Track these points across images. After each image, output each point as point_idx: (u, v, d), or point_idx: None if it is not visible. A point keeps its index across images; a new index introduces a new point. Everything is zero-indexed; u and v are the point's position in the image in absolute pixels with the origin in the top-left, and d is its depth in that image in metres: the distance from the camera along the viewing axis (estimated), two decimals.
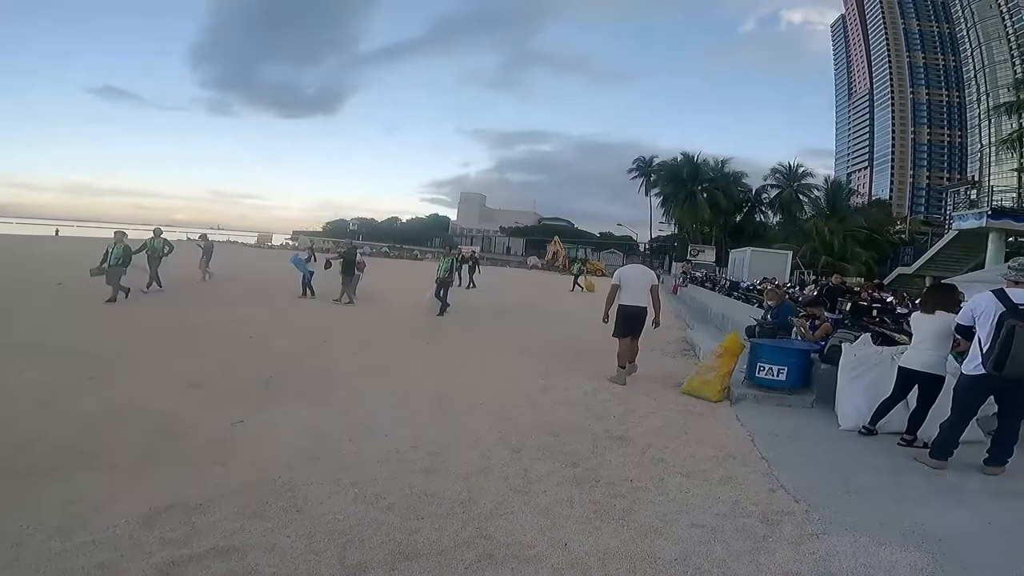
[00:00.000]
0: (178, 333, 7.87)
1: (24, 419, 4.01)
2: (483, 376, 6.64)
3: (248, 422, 4.31)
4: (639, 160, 66.24)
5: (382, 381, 5.97)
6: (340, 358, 7.01)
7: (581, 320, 13.76)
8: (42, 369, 5.40)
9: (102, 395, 4.72)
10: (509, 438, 4.42)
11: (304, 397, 5.12)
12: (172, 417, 4.27)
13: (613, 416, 5.30)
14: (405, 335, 9.26)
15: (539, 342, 9.55)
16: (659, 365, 8.20)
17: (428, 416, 4.86)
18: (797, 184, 48.44)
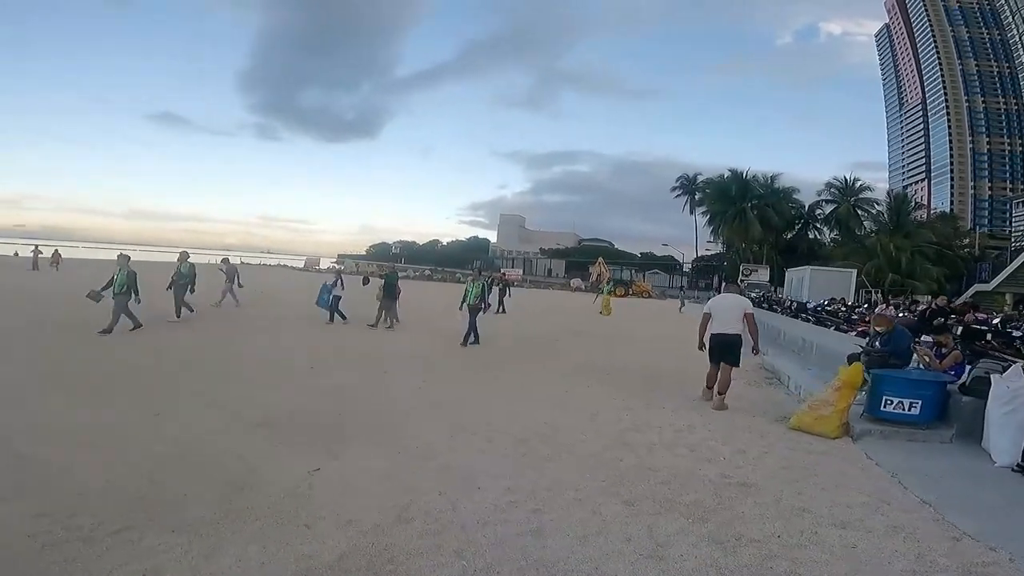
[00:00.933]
0: (227, 363, 7.60)
1: (87, 465, 3.67)
2: (560, 412, 6.08)
3: (324, 469, 3.88)
4: (682, 178, 65.06)
5: (454, 419, 5.48)
6: (402, 391, 6.58)
7: (636, 344, 13.11)
8: (110, 403, 5.14)
9: (168, 434, 4.39)
10: (615, 488, 3.91)
11: (376, 439, 4.68)
12: (243, 462, 3.89)
13: (723, 457, 4.76)
14: (463, 365, 8.79)
15: (603, 370, 8.95)
16: (744, 396, 7.54)
17: (515, 462, 4.35)
18: (855, 199, 46.35)
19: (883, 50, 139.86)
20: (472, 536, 3.06)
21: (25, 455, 3.79)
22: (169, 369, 6.94)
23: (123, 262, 10.10)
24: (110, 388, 5.81)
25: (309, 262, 65.74)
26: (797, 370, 9.05)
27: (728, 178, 51.73)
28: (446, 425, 5.25)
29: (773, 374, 9.63)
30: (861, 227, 45.74)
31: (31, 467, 3.59)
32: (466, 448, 4.63)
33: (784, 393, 8.06)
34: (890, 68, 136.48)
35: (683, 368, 9.85)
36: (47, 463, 3.67)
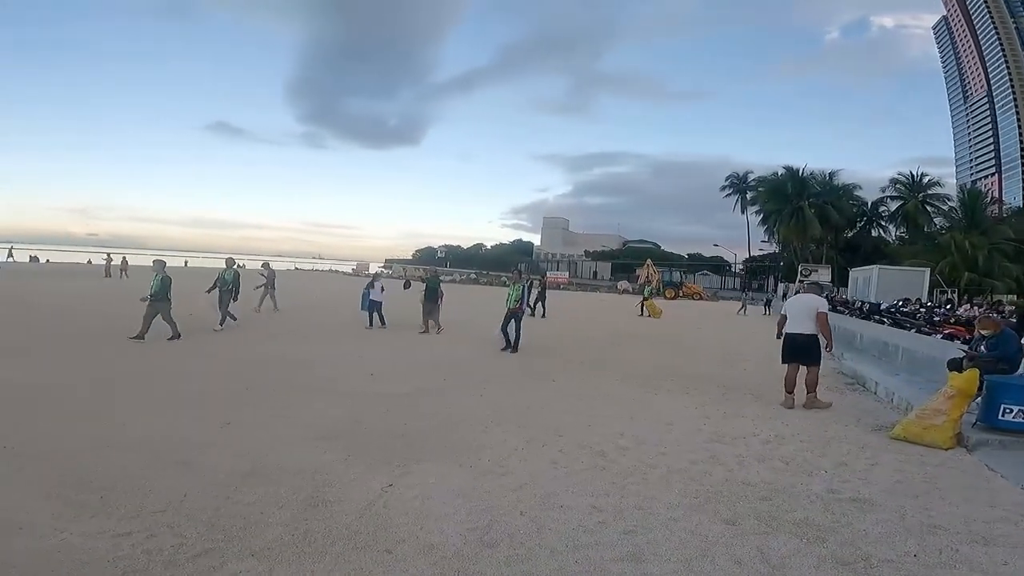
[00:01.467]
0: (284, 371, 7.53)
1: (162, 479, 3.58)
2: (632, 422, 5.73)
3: (397, 486, 3.67)
4: (732, 177, 63.16)
5: (521, 430, 5.21)
6: (464, 400, 6.36)
7: (698, 349, 12.51)
8: (177, 413, 5.12)
9: (238, 446, 4.29)
10: (711, 505, 3.61)
11: (445, 451, 4.46)
12: (316, 478, 3.72)
13: (824, 471, 4.42)
14: (520, 372, 8.50)
15: (668, 376, 8.52)
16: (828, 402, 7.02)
17: (594, 477, 4.05)
18: (923, 195, 43.63)
19: (943, 43, 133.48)
20: (564, 562, 2.79)
21: (99, 469, 3.74)
22: (227, 378, 6.92)
23: (159, 268, 9.77)
24: (175, 397, 5.82)
25: (359, 267, 67.05)
26: (884, 376, 8.37)
27: (783, 176, 49.71)
28: (514, 436, 4.99)
29: (855, 379, 8.99)
30: (931, 224, 43.05)
31: (106, 481, 3.52)
32: (539, 461, 4.36)
33: (873, 400, 7.47)
34: (951, 61, 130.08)
35: (753, 374, 9.31)
36: (122, 476, 3.61)
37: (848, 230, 50.30)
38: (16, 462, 3.75)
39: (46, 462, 3.79)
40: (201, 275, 37.94)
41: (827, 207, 45.63)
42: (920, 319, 15.63)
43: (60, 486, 3.39)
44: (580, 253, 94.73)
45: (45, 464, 3.75)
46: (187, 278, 32.51)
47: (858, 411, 6.74)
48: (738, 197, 61.80)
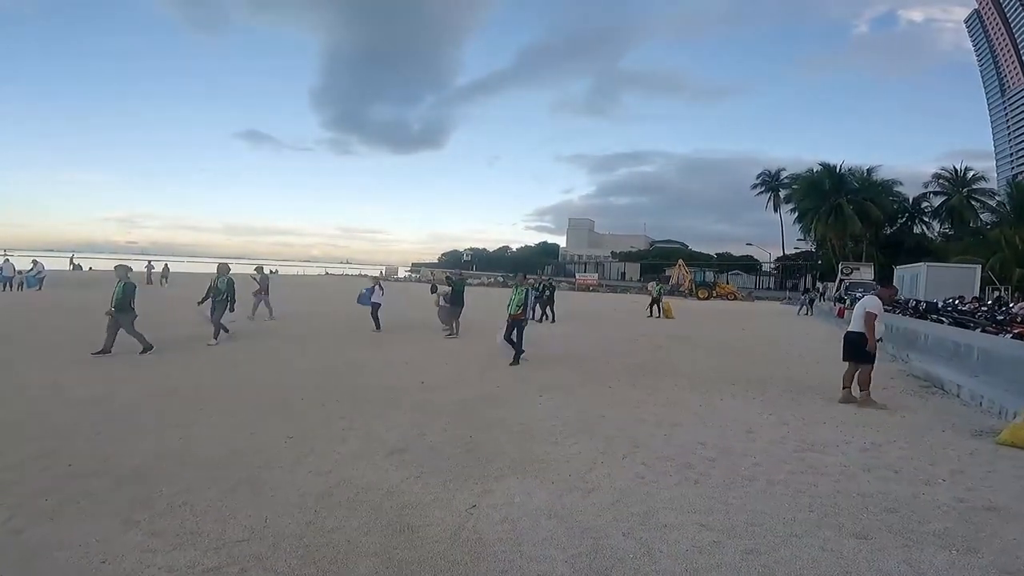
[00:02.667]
0: (331, 379, 7.36)
1: (240, 501, 3.39)
2: (708, 429, 5.40)
3: (480, 506, 3.42)
4: (764, 174, 61.81)
5: (596, 442, 4.92)
6: (525, 410, 6.06)
7: (746, 350, 11.97)
8: (232, 427, 4.96)
9: (310, 463, 4.09)
10: (832, 518, 3.34)
11: (523, 467, 4.19)
12: (393, 498, 3.50)
13: (941, 479, 4.12)
14: (572, 379, 8.16)
15: (728, 380, 8.12)
16: (912, 407, 6.79)
17: (691, 491, 3.75)
18: (967, 190, 41.89)
19: (976, 36, 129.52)
20: None
21: (168, 489, 3.58)
22: (269, 388, 6.77)
23: (121, 274, 8.67)
24: (225, 411, 5.67)
25: (388, 271, 67.53)
26: (964, 378, 7.83)
27: (819, 172, 48.35)
28: (588, 448, 4.70)
29: (929, 381, 8.44)
30: (977, 219, 41.27)
31: (178, 503, 3.35)
32: (625, 475, 4.06)
33: (959, 404, 6.99)
34: (986, 54, 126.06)
35: (814, 376, 8.84)
36: (194, 498, 3.44)
37: (888, 227, 48.65)
38: (84, 483, 3.61)
39: (113, 482, 3.64)
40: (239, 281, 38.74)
41: (867, 203, 44.17)
42: (981, 318, 14.81)
43: (133, 509, 3.22)
44: (607, 254, 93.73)
45: (113, 484, 3.61)
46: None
47: (948, 415, 6.31)
48: (770, 195, 60.41)
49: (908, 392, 7.72)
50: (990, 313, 15.21)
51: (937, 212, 45.20)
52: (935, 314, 16.09)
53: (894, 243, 47.74)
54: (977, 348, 9.21)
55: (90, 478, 3.70)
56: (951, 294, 20.94)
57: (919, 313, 17.07)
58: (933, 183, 45.21)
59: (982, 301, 20.93)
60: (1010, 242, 31.17)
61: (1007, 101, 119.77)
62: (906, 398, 7.29)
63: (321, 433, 4.91)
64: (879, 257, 44.93)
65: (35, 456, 4.07)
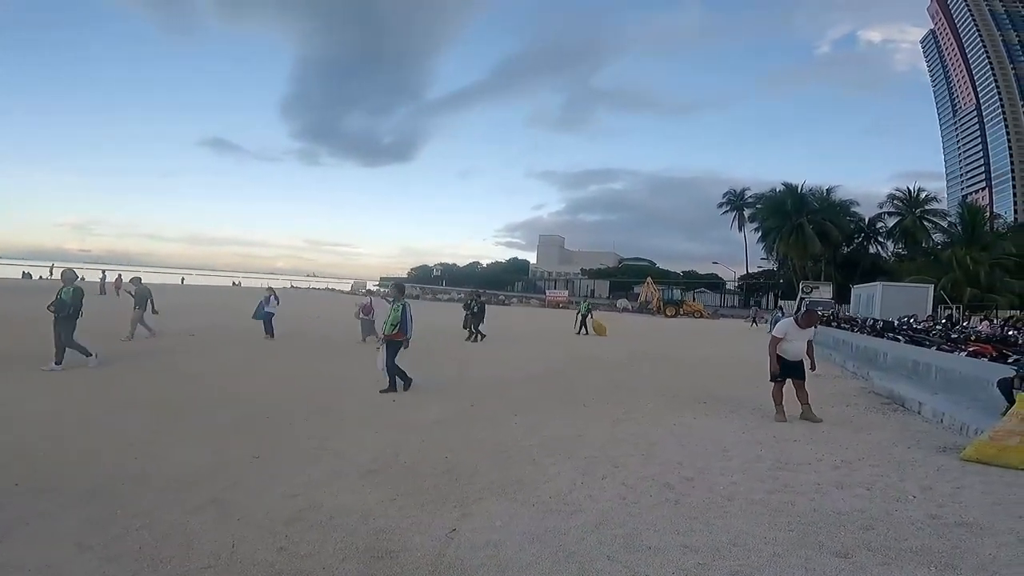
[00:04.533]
0: (292, 395, 7.15)
1: (206, 521, 3.20)
2: (685, 449, 5.38)
3: (461, 530, 3.31)
4: (729, 193, 63.61)
5: (573, 461, 4.86)
6: (501, 430, 5.94)
7: (712, 368, 12.08)
8: (194, 444, 4.72)
9: (277, 487, 3.89)
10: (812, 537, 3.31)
11: (500, 487, 4.09)
12: (369, 522, 3.36)
13: (912, 496, 4.18)
14: (545, 396, 8.13)
15: (697, 400, 8.20)
16: (878, 424, 6.91)
17: (671, 512, 3.72)
18: (920, 211, 43.92)
19: (931, 57, 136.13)
20: None
21: (127, 510, 3.36)
22: (229, 404, 6.52)
23: (68, 279, 8.29)
24: (188, 427, 5.42)
25: (356, 285, 66.52)
26: (927, 396, 8.08)
27: (782, 192, 50.04)
28: (568, 468, 4.63)
29: (891, 399, 8.68)
30: (929, 240, 43.24)
31: (138, 525, 3.14)
32: (606, 496, 4.00)
33: (921, 421, 7.18)
34: (940, 75, 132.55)
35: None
36: (156, 520, 3.23)
37: (846, 246, 50.55)
38: (34, 502, 3.37)
39: (66, 502, 3.41)
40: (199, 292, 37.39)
41: (826, 223, 45.86)
42: (936, 336, 15.40)
43: (88, 532, 3.01)
44: (577, 271, 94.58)
45: (65, 504, 3.38)
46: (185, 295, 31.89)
47: (912, 432, 6.47)
48: (735, 214, 62.12)
49: (872, 409, 7.90)
50: (945, 331, 15.83)
51: (891, 232, 47.17)
52: (892, 332, 16.67)
53: (851, 262, 49.55)
54: (935, 366, 9.55)
55: (40, 497, 3.47)
56: (905, 313, 21.78)
57: (876, 331, 17.66)
58: (888, 203, 47.31)
59: (935, 320, 21.83)
60: (961, 262, 32.72)
61: (958, 121, 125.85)
62: (871, 415, 7.46)
63: (290, 452, 4.72)
64: (837, 276, 46.56)
65: None
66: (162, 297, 27.36)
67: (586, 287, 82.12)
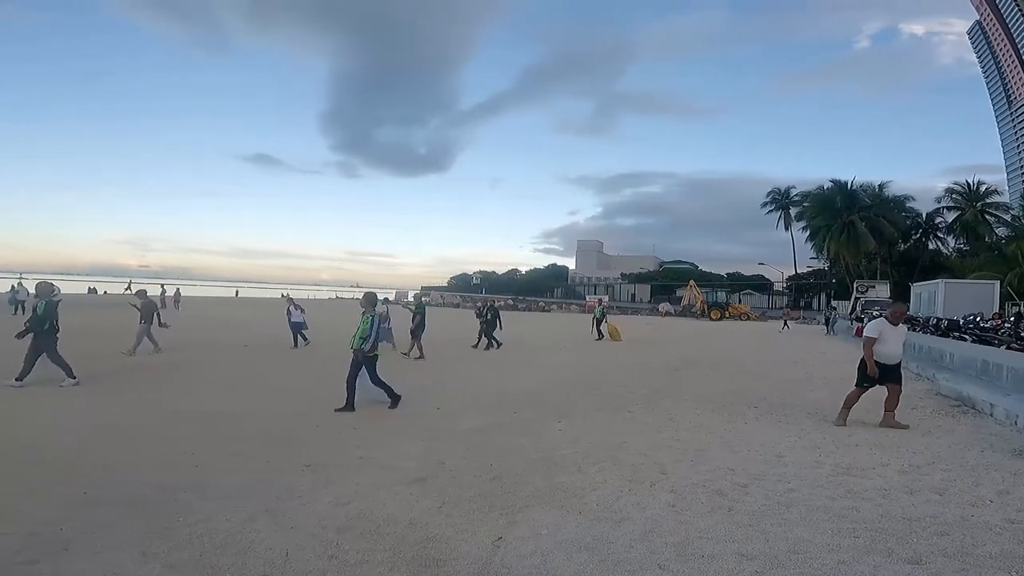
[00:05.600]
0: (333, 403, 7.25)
1: (255, 533, 3.30)
2: (736, 454, 5.19)
3: (507, 539, 3.28)
4: (773, 192, 61.74)
5: (621, 469, 4.76)
6: (546, 437, 5.90)
7: (761, 371, 11.66)
8: (247, 454, 4.86)
9: (327, 495, 3.97)
10: (880, 543, 3.14)
11: (548, 497, 4.05)
12: (416, 530, 3.37)
13: (988, 500, 3.98)
14: (590, 404, 8.04)
15: (749, 404, 7.92)
16: (947, 428, 6.53)
17: (725, 519, 3.57)
18: (981, 204, 41.48)
19: (980, 48, 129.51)
20: None
21: (186, 520, 3.48)
22: (276, 417, 6.68)
23: (44, 292, 7.92)
24: (240, 437, 5.57)
25: (398, 295, 67.55)
26: (998, 397, 7.59)
27: (830, 189, 48.14)
28: (614, 475, 4.54)
29: (960, 401, 8.18)
30: (992, 234, 40.76)
31: (197, 533, 3.24)
32: (655, 504, 3.89)
33: (994, 423, 6.75)
34: (991, 66, 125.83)
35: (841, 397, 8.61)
36: (213, 529, 3.34)
37: (902, 243, 48.24)
38: (98, 512, 3.52)
39: (129, 511, 3.55)
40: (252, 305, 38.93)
41: (879, 220, 43.83)
42: (1005, 335, 14.45)
43: (151, 540, 3.12)
44: (616, 276, 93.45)
45: (128, 513, 3.52)
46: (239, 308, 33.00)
47: (984, 435, 6.08)
48: (781, 213, 60.24)
49: (940, 413, 7.46)
50: (1014, 330, 14.84)
51: (951, 228, 44.76)
52: (957, 331, 15.73)
53: (908, 260, 47.23)
54: (1007, 367, 8.97)
55: (104, 507, 3.62)
56: (970, 311, 20.51)
57: (941, 331, 16.70)
58: (946, 198, 44.93)
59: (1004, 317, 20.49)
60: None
61: (1014, 112, 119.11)
62: (939, 419, 7.06)
63: (338, 461, 4.80)
64: (893, 274, 44.42)
65: (46, 484, 4.00)
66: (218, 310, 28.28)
67: (626, 292, 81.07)
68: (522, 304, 64.87)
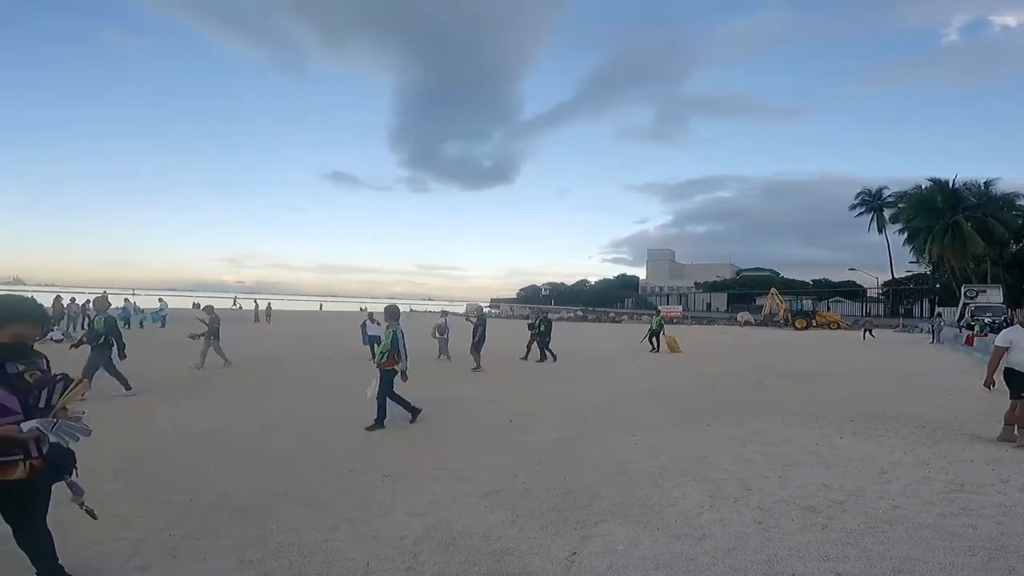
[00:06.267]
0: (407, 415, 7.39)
1: (339, 543, 3.42)
2: (830, 470, 4.85)
3: (582, 554, 3.21)
4: (863, 194, 57.74)
5: (702, 484, 4.57)
6: (620, 450, 5.75)
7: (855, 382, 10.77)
8: (331, 463, 5.05)
9: (405, 506, 4.07)
10: (999, 562, 2.90)
11: (624, 511, 3.93)
12: (490, 544, 3.38)
13: None
14: (663, 416, 7.77)
15: (844, 416, 7.35)
16: None
17: (818, 537, 3.33)
18: None
19: None
20: None
21: (273, 527, 3.66)
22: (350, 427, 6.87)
23: (102, 306, 7.94)
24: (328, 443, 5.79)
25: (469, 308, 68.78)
26: None
27: (929, 189, 44.21)
28: (694, 490, 4.35)
29: None
30: None
31: (285, 542, 3.40)
32: (738, 520, 3.69)
33: None
34: None
35: (948, 410, 7.84)
36: (300, 539, 3.49)
37: (1014, 244, 43.53)
38: (203, 518, 3.75)
39: (229, 518, 3.76)
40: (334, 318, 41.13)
41: (987, 220, 39.70)
42: None
43: (247, 548, 3.30)
44: (689, 285, 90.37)
45: (228, 520, 3.73)
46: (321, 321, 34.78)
47: None
48: (873, 215, 56.20)
49: None
50: None
51: None
52: None
53: (1021, 262, 42.60)
54: None
55: (208, 513, 3.84)
56: None
57: None
58: None
59: None
60: None
61: None
62: None
63: (415, 472, 4.90)
64: (1006, 278, 40.14)
65: (157, 490, 4.30)
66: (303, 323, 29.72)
67: (701, 301, 78.19)
68: (591, 315, 64.06)
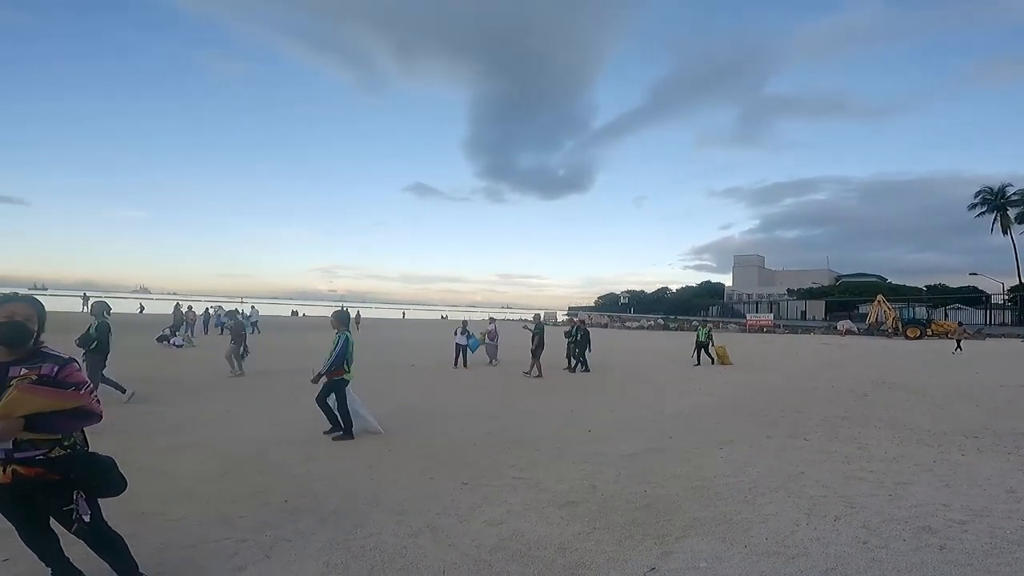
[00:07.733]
0: (489, 424, 7.37)
1: (417, 549, 3.48)
2: (950, 488, 4.38)
3: (660, 570, 3.08)
4: (984, 192, 52.22)
5: (798, 500, 4.24)
6: (706, 464, 5.46)
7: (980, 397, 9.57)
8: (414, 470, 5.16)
9: (482, 514, 4.08)
10: None
11: (708, 526, 3.73)
12: (567, 555, 3.31)
13: None
14: (756, 429, 7.33)
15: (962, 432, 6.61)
16: None
17: (933, 558, 3.03)
18: None
19: None
20: None
21: (359, 532, 3.75)
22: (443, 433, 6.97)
23: (98, 312, 7.81)
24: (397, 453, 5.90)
25: (547, 316, 68.55)
26: None
27: None
28: (789, 507, 4.04)
29: None
30: None
31: (369, 546, 3.50)
32: (839, 539, 3.39)
33: None
34: None
35: None
36: (382, 544, 3.57)
37: None
38: (295, 520, 3.90)
39: (319, 521, 3.90)
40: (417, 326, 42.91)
41: None
42: None
43: (333, 550, 3.42)
44: (781, 292, 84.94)
45: (318, 523, 3.86)
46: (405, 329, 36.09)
47: None
48: (996, 215, 50.66)
49: None
50: None
51: None
52: None
53: None
54: None
55: (301, 516, 3.99)
56: None
57: None
58: None
59: None
60: None
61: None
62: None
63: (492, 481, 4.91)
64: None
65: (253, 492, 4.54)
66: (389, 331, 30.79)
67: (795, 309, 73.23)
68: (673, 323, 61.87)
